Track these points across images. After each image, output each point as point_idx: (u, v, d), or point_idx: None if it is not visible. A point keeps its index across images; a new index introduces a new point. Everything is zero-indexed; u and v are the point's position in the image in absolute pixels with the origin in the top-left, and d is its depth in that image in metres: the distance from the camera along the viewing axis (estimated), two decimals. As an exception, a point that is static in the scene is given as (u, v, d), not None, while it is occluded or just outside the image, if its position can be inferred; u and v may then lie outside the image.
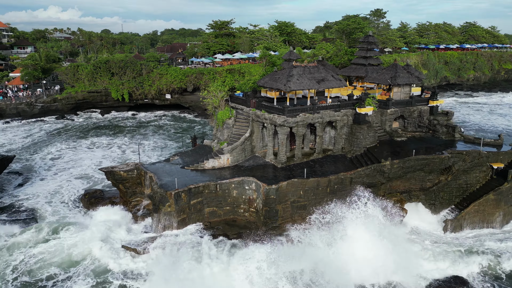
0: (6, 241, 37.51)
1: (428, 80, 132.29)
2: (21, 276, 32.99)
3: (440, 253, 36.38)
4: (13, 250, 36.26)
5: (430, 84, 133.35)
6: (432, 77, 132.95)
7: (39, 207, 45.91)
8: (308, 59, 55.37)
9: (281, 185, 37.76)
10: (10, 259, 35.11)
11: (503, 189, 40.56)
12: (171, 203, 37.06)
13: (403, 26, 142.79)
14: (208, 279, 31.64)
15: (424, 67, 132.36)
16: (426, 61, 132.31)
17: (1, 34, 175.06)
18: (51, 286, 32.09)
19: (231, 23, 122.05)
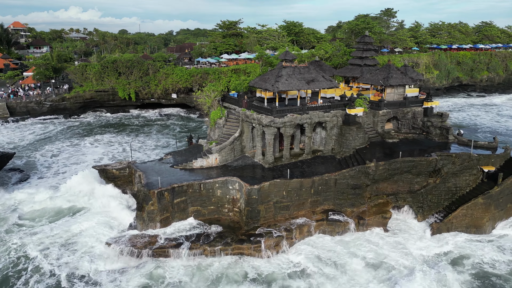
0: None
1: (439, 81, 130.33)
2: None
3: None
4: None
5: (441, 85, 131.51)
6: (444, 77, 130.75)
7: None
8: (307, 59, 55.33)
9: (263, 185, 37.86)
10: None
11: (493, 193, 39.68)
12: (154, 202, 37.56)
13: (414, 26, 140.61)
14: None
15: (436, 68, 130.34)
16: (437, 62, 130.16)
17: (19, 34, 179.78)
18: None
19: (239, 23, 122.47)
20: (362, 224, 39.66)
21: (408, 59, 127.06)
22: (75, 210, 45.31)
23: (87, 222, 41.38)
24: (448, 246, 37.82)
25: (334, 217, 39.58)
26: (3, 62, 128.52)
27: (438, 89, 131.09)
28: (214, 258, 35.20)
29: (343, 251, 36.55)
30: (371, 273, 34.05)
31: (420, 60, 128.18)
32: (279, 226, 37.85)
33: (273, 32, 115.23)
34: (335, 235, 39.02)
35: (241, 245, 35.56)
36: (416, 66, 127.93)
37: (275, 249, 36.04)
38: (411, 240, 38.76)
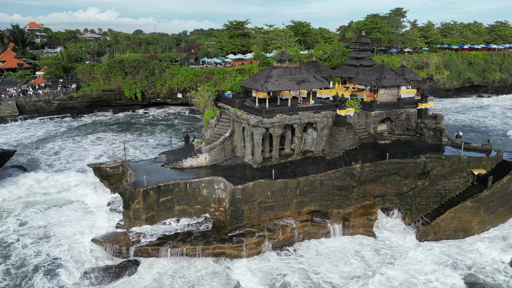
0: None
1: (450, 82, 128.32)
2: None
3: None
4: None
5: (452, 86, 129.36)
6: (455, 78, 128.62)
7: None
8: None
9: (247, 185, 38.00)
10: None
11: (482, 196, 38.97)
12: (139, 200, 38.10)
13: (425, 26, 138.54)
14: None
15: (446, 68, 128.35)
16: (448, 62, 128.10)
17: (34, 34, 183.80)
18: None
19: (247, 23, 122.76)
20: (347, 226, 39.43)
21: (417, 59, 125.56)
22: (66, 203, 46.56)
23: (77, 217, 42.38)
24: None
25: (318, 219, 39.42)
26: (17, 62, 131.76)
27: (448, 89, 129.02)
28: (195, 259, 35.61)
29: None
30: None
31: (430, 61, 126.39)
32: (263, 226, 37.95)
33: (280, 32, 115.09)
34: (319, 237, 38.94)
35: (222, 245, 35.81)
36: (426, 66, 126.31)
37: (257, 249, 36.17)
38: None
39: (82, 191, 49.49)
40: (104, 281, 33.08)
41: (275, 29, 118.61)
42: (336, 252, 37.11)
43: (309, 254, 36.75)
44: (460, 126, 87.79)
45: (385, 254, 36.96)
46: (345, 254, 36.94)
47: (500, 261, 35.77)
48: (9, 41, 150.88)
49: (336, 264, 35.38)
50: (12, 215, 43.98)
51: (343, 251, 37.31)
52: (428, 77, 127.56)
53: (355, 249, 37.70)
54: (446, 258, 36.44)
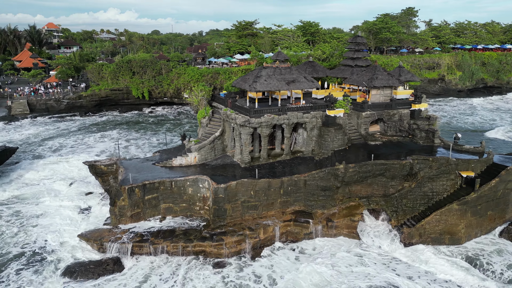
0: None
1: (462, 82, 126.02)
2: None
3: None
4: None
5: (464, 86, 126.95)
6: (467, 79, 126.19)
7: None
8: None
9: (230, 184, 38.33)
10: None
11: (469, 199, 38.28)
12: (124, 197, 38.86)
13: (438, 25, 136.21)
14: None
15: (459, 69, 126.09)
16: (460, 62, 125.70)
17: (51, 35, 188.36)
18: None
19: (255, 24, 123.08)
20: (330, 226, 39.32)
21: (428, 59, 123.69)
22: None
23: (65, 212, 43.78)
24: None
25: (301, 219, 39.41)
26: (32, 61, 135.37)
27: (460, 90, 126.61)
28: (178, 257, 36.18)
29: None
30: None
31: (441, 61, 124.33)
32: (244, 225, 38.20)
33: (288, 32, 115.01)
34: (302, 237, 38.95)
35: (202, 243, 36.22)
36: (437, 67, 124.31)
37: (237, 248, 36.44)
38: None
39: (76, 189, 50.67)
40: (86, 276, 33.86)
41: (284, 29, 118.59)
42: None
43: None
44: (462, 127, 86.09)
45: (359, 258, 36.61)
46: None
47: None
48: (26, 41, 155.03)
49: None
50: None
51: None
52: (440, 77, 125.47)
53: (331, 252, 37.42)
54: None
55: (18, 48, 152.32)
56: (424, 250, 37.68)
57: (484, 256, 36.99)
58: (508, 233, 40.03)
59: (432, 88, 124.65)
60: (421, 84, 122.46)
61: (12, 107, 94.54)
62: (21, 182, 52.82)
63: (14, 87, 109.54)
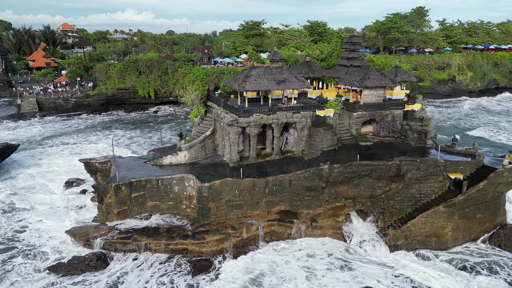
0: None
1: (473, 83, 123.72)
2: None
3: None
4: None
5: (475, 87, 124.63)
6: (479, 79, 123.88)
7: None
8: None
9: (214, 183, 38.53)
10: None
11: (456, 202, 37.62)
12: (111, 195, 39.45)
13: (449, 25, 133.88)
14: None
15: (470, 69, 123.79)
16: (472, 63, 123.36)
17: (66, 35, 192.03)
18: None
19: (263, 24, 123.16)
20: (314, 226, 39.16)
21: (438, 59, 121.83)
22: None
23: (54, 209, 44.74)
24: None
25: (286, 219, 39.37)
26: (45, 61, 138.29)
27: (471, 91, 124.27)
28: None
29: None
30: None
31: (452, 61, 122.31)
32: (227, 224, 38.36)
33: (294, 32, 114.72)
34: (286, 237, 38.90)
35: (184, 241, 36.51)
36: (447, 67, 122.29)
37: (219, 247, 36.62)
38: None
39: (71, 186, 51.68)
40: (69, 272, 34.47)
41: (291, 29, 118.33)
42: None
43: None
44: (464, 129, 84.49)
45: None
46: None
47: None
48: (40, 41, 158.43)
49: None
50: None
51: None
52: (450, 78, 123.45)
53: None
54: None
55: (32, 47, 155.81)
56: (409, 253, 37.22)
57: (470, 262, 36.26)
58: (497, 238, 39.19)
59: (442, 89, 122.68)
60: (431, 84, 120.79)
61: (21, 106, 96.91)
62: (19, 178, 54.09)
63: (26, 86, 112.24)
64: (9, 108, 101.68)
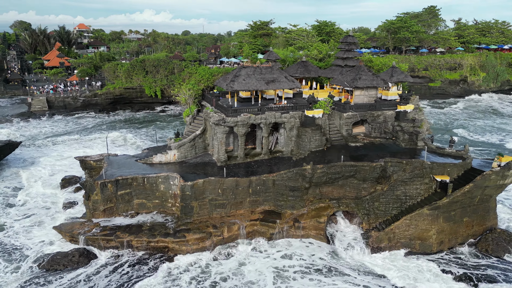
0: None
1: (486, 84, 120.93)
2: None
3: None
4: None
5: (488, 88, 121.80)
6: (492, 80, 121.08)
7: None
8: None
9: (197, 182, 38.80)
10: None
11: (440, 204, 36.92)
12: (97, 192, 40.14)
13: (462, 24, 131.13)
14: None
15: (482, 69, 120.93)
16: (484, 63, 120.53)
17: (82, 35, 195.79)
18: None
19: (271, 23, 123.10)
20: (297, 227, 38.99)
21: (450, 60, 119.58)
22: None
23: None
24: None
25: (269, 219, 39.32)
26: (59, 61, 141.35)
27: (483, 92, 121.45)
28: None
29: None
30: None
31: (464, 61, 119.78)
32: (209, 223, 38.55)
33: (302, 32, 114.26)
34: (268, 237, 38.85)
35: (164, 239, 36.87)
36: (459, 67, 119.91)
37: (199, 246, 36.85)
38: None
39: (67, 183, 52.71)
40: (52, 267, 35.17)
41: (298, 29, 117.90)
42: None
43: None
44: (466, 131, 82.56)
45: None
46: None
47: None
48: (55, 41, 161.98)
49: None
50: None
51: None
52: (462, 78, 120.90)
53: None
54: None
55: (47, 47, 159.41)
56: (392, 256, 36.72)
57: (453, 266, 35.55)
58: (485, 242, 38.26)
59: (453, 89, 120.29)
60: (441, 85, 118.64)
61: (32, 104, 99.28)
62: (17, 175, 55.50)
63: (39, 85, 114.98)
64: (20, 106, 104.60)
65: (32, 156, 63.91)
